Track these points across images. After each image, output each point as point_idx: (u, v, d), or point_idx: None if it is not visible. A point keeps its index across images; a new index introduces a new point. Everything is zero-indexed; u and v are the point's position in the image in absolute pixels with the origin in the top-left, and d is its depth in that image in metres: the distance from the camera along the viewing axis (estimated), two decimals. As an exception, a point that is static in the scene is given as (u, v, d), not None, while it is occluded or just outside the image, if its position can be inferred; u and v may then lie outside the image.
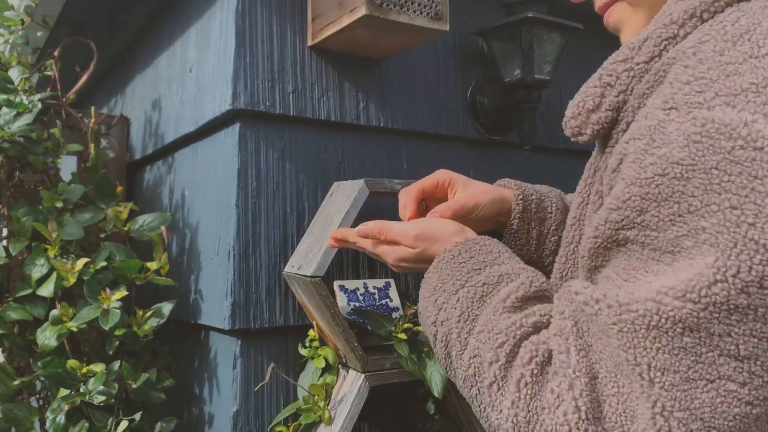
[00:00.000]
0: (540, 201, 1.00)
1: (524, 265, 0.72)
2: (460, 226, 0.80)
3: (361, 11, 1.21)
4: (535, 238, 0.99)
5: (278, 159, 1.34)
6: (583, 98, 0.63)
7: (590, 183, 0.70)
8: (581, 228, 0.71)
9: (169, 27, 1.72)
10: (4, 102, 1.31)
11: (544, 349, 0.59)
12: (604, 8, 0.74)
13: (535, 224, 0.99)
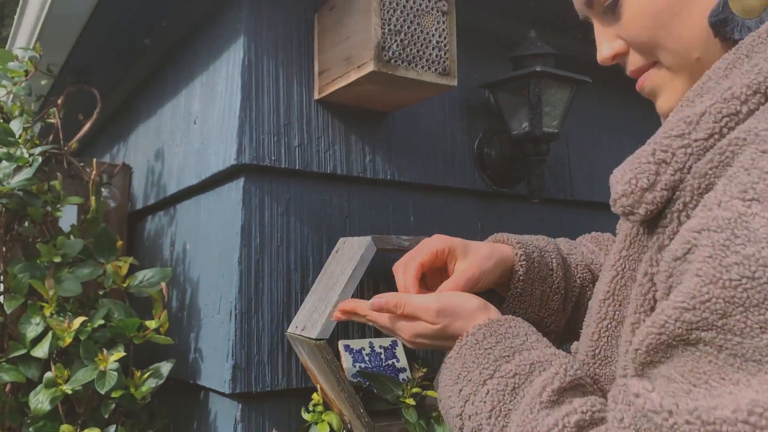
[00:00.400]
0: (541, 258, 0.95)
1: (554, 350, 0.68)
2: (482, 300, 0.75)
3: (369, 67, 1.19)
4: (538, 298, 0.95)
5: (283, 214, 1.31)
6: (636, 175, 0.58)
7: (627, 257, 0.65)
8: (619, 305, 0.66)
9: (173, 77, 1.71)
10: (4, 155, 1.29)
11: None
12: (638, 73, 0.70)
13: (538, 284, 0.94)
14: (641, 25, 0.65)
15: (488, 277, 0.86)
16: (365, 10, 1.21)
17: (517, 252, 0.91)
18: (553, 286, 0.94)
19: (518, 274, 0.90)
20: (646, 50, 0.67)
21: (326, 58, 1.34)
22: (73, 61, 1.97)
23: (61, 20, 1.68)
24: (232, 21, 1.36)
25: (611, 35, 0.69)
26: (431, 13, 1.27)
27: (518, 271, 0.90)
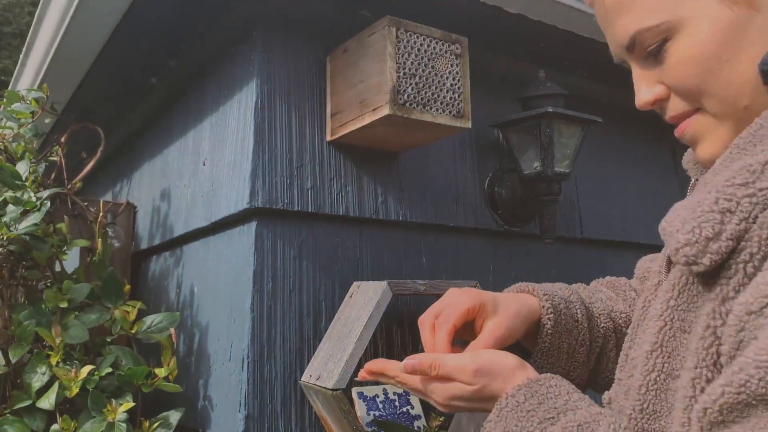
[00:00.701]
0: (567, 309, 0.92)
1: (599, 408, 0.65)
2: (518, 359, 0.73)
3: (384, 111, 1.19)
4: (565, 351, 0.92)
5: (295, 257, 1.29)
6: (699, 224, 0.56)
7: (676, 307, 0.63)
8: (668, 357, 0.63)
9: (180, 117, 1.70)
10: (11, 200, 1.27)
11: None
12: (679, 119, 0.68)
13: (565, 337, 0.91)
14: (688, 71, 0.64)
15: (516, 333, 0.84)
16: (380, 54, 1.21)
17: (543, 304, 0.89)
18: (579, 338, 0.92)
19: (546, 328, 0.87)
20: (690, 96, 0.65)
21: (339, 100, 1.33)
22: (77, 100, 1.96)
23: (69, 60, 1.67)
24: (245, 63, 1.35)
25: (651, 80, 0.68)
26: (445, 56, 1.27)
27: (546, 325, 0.87)
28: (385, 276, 1.39)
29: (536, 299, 0.90)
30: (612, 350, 0.96)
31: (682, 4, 0.63)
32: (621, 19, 0.66)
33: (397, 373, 0.77)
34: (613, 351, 0.96)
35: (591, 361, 0.95)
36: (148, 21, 1.45)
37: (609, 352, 0.96)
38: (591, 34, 1.57)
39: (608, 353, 0.96)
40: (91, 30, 1.50)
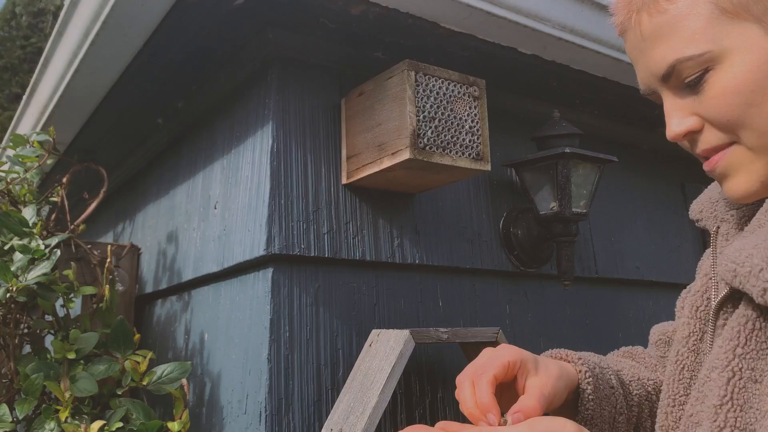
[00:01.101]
0: (602, 375, 0.88)
1: None
2: (577, 425, 0.68)
3: (404, 155, 1.17)
4: (607, 420, 0.87)
5: (311, 304, 1.25)
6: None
7: (744, 355, 0.60)
8: (740, 410, 0.59)
9: (188, 158, 1.67)
10: (19, 248, 1.23)
11: None
12: (712, 152, 0.66)
13: (605, 404, 0.87)
14: (728, 103, 0.62)
15: (559, 398, 0.80)
16: (399, 98, 1.19)
17: (581, 369, 0.85)
18: (617, 406, 0.87)
19: (587, 393, 0.83)
20: (728, 128, 0.64)
21: (355, 143, 1.31)
22: (80, 140, 1.93)
23: (75, 102, 1.65)
24: (258, 105, 1.33)
25: (685, 111, 0.66)
26: (463, 98, 1.25)
27: (586, 390, 0.83)
28: (402, 322, 1.36)
29: (571, 365, 0.87)
30: (647, 419, 0.92)
31: (726, 34, 0.62)
32: (658, 48, 0.64)
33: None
34: (648, 420, 0.91)
35: (630, 430, 0.91)
36: (159, 63, 1.43)
37: (644, 421, 0.92)
38: (603, 74, 1.57)
39: (644, 422, 0.92)
40: (100, 73, 1.48)
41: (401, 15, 1.25)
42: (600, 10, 1.41)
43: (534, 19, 1.32)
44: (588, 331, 1.71)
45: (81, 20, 1.33)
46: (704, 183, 2.18)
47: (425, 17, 1.27)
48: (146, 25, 1.28)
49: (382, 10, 1.22)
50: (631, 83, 1.63)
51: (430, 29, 1.30)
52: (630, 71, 1.55)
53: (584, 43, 1.41)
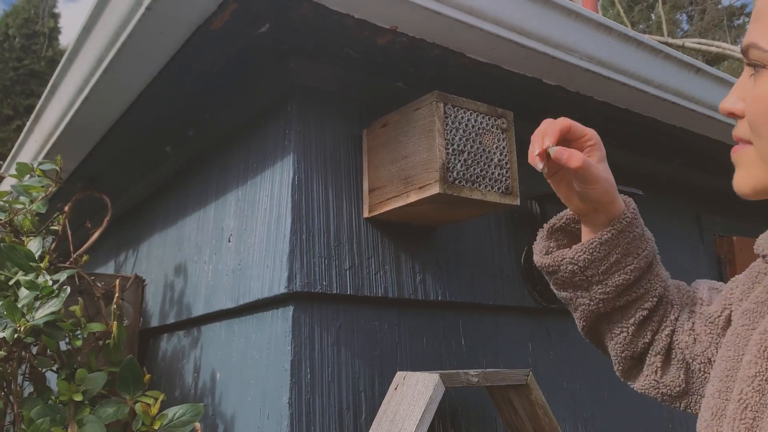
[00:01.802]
0: (641, 236, 0.96)
1: None
2: None
3: (433, 189, 1.12)
4: (612, 262, 0.95)
5: (333, 344, 1.19)
6: None
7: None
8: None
9: (198, 188, 1.62)
10: (26, 284, 1.17)
11: None
12: (738, 140, 0.72)
13: (619, 251, 0.94)
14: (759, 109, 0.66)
15: (596, 191, 0.90)
16: (427, 131, 1.15)
17: (626, 210, 0.93)
18: (629, 266, 0.94)
19: (615, 225, 0.92)
20: (752, 129, 0.68)
21: (378, 176, 1.27)
22: (84, 168, 1.87)
23: (81, 130, 1.59)
24: (278, 136, 1.29)
25: (741, 93, 0.70)
26: (491, 130, 1.22)
27: (615, 224, 0.92)
28: (424, 361, 1.30)
29: (622, 205, 0.94)
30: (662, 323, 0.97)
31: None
32: (755, 24, 0.67)
33: None
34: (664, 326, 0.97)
35: (622, 299, 0.97)
36: (172, 91, 1.38)
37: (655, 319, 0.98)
38: (626, 105, 1.54)
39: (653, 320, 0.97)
40: (111, 102, 1.43)
41: (428, 45, 1.21)
42: (626, 41, 1.38)
43: (562, 50, 1.29)
44: (610, 368, 1.66)
45: (94, 48, 1.29)
46: (719, 214, 2.15)
47: (452, 47, 1.24)
48: (163, 53, 1.23)
49: (408, 41, 1.19)
50: (652, 114, 1.61)
51: (455, 60, 1.27)
52: (653, 103, 1.53)
53: (609, 74, 1.38)
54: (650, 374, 0.97)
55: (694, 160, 1.94)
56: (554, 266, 1.01)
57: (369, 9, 1.09)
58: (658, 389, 0.97)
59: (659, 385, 0.96)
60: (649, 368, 0.97)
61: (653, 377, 0.97)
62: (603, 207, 0.94)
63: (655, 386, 0.97)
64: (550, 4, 1.23)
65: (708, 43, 7.33)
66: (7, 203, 1.38)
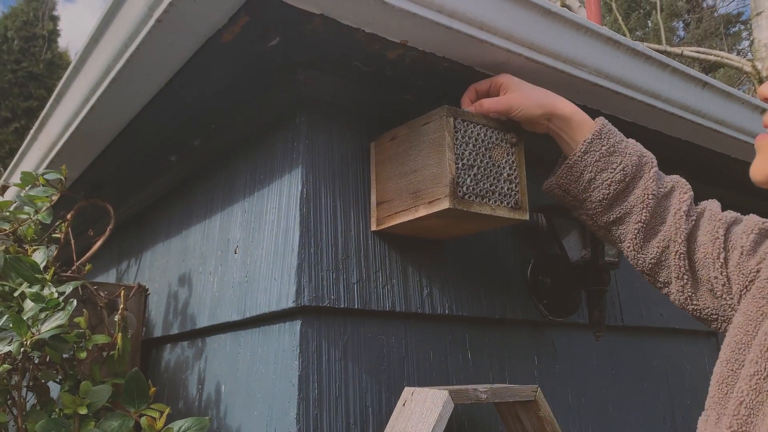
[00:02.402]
0: (611, 153, 1.10)
1: None
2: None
3: (443, 204, 1.12)
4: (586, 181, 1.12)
5: (340, 359, 1.19)
6: None
7: None
8: None
9: (203, 197, 1.62)
10: (31, 296, 1.16)
11: None
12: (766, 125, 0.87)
13: (591, 170, 1.10)
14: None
15: (523, 113, 1.15)
16: (437, 145, 1.15)
17: (594, 127, 1.13)
18: (607, 182, 1.09)
19: (582, 145, 1.10)
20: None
21: (386, 189, 1.26)
22: (87, 176, 1.86)
23: (87, 139, 1.58)
24: (286, 148, 1.28)
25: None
26: (501, 145, 1.21)
27: (581, 144, 1.11)
28: (431, 376, 1.29)
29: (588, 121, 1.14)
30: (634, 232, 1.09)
31: None
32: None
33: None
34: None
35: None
36: (180, 101, 1.38)
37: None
38: (633, 119, 1.54)
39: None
40: (117, 112, 1.42)
41: (438, 59, 1.21)
42: (635, 56, 1.38)
43: (571, 64, 1.28)
44: (614, 381, 1.66)
45: (101, 58, 1.28)
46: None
47: (461, 61, 1.23)
48: (171, 64, 1.23)
49: (419, 54, 1.18)
50: (658, 128, 1.61)
51: (465, 73, 1.27)
52: (660, 116, 1.53)
53: (618, 88, 1.38)
54: (680, 296, 1.05)
55: (699, 172, 1.94)
56: (549, 191, 1.20)
57: (380, 23, 1.09)
58: (689, 309, 1.05)
59: (690, 305, 1.04)
60: (678, 291, 1.05)
61: (683, 298, 1.04)
62: (551, 117, 1.14)
63: (686, 306, 1.05)
64: (561, 20, 1.23)
65: (707, 52, 7.37)
66: (11, 213, 1.37)
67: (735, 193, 2.11)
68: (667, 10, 18.67)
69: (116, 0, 1.15)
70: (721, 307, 1.00)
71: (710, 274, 1.00)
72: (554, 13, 1.22)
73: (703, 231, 1.04)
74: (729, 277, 0.97)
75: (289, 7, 1.01)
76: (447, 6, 1.08)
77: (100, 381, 1.35)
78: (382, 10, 1.04)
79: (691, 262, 1.03)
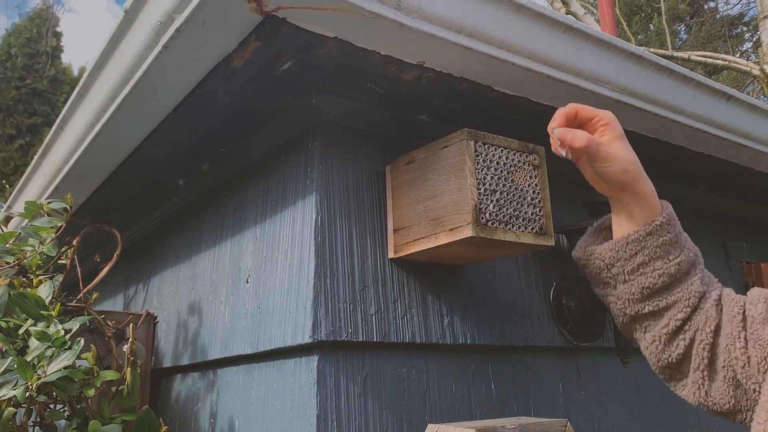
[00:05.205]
0: (673, 243, 1.00)
1: None
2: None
3: (466, 232, 1.06)
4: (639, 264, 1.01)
5: (359, 395, 1.13)
6: None
7: None
8: None
9: (212, 223, 1.57)
10: (37, 335, 1.11)
11: None
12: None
13: (647, 253, 0.99)
14: None
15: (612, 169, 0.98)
16: (458, 169, 1.10)
17: (662, 212, 1.01)
18: (657, 271, 0.99)
19: (649, 227, 0.99)
20: None
21: (404, 215, 1.21)
22: (93, 202, 1.82)
23: (92, 165, 1.54)
24: (298, 174, 1.23)
25: None
26: (523, 168, 1.16)
27: (653, 224, 0.99)
28: (454, 409, 1.24)
29: (660, 206, 1.03)
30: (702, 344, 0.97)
31: None
32: None
33: None
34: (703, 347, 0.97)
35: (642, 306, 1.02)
36: (187, 127, 1.33)
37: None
38: (655, 135, 1.49)
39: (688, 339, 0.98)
40: (123, 138, 1.38)
41: (455, 79, 1.16)
42: (657, 71, 1.33)
43: (593, 81, 1.24)
44: (641, 406, 1.59)
45: (107, 84, 1.24)
46: (746, 240, 2.09)
47: (479, 81, 1.19)
48: (179, 90, 1.18)
49: (435, 75, 1.14)
50: (681, 143, 1.56)
51: (483, 93, 1.22)
52: (683, 132, 1.47)
53: (641, 105, 1.33)
54: (696, 390, 0.97)
55: (721, 186, 1.89)
56: (584, 260, 1.08)
57: (396, 45, 1.04)
58: (707, 405, 0.97)
59: (707, 401, 0.96)
60: (695, 385, 0.97)
61: (699, 393, 0.97)
62: (628, 188, 1.00)
63: (703, 402, 0.97)
64: (583, 36, 1.18)
65: (714, 56, 7.32)
66: (16, 246, 1.33)
67: (759, 206, 2.06)
68: (669, 13, 18.64)
69: (121, 25, 1.11)
70: (742, 395, 0.92)
71: (730, 357, 0.93)
72: (576, 29, 1.17)
73: (724, 317, 0.97)
74: (749, 355, 0.91)
75: (302, 31, 0.97)
76: (466, 26, 1.03)
77: (109, 417, 1.30)
78: (399, 32, 1.00)
79: (713, 352, 0.96)
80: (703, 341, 0.96)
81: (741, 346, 0.92)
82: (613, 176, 0.98)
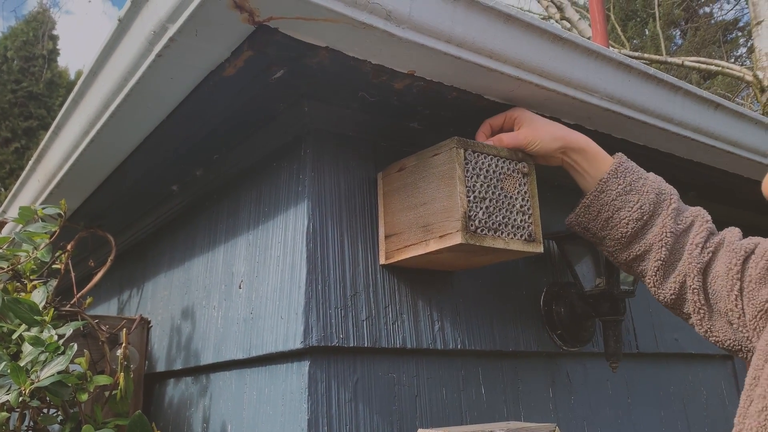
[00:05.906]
0: (628, 191, 1.09)
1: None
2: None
3: (455, 239, 1.08)
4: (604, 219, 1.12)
5: (350, 401, 1.14)
6: None
7: None
8: None
9: (206, 228, 1.58)
10: (30, 340, 1.12)
11: None
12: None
13: (608, 208, 1.11)
14: None
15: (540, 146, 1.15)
16: (447, 177, 1.11)
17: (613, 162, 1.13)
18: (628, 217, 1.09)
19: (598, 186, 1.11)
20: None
21: (395, 222, 1.22)
22: (87, 207, 1.83)
23: (86, 172, 1.55)
24: (291, 180, 1.25)
25: None
26: (512, 175, 1.18)
27: (599, 185, 1.11)
28: (444, 413, 1.25)
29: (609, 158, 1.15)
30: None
31: None
32: None
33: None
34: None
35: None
36: (181, 134, 1.34)
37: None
38: (644, 142, 1.51)
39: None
40: (117, 144, 1.39)
41: (445, 88, 1.18)
42: (646, 80, 1.35)
43: (582, 90, 1.25)
44: (631, 411, 1.61)
45: (101, 91, 1.25)
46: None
47: (470, 90, 1.20)
48: (172, 98, 1.20)
49: (426, 84, 1.15)
50: (670, 150, 1.57)
51: (473, 101, 1.23)
52: (672, 139, 1.49)
53: (630, 113, 1.35)
54: (699, 328, 1.04)
55: (710, 192, 1.91)
56: (570, 228, 1.20)
57: (387, 54, 1.05)
58: (711, 340, 1.03)
59: (710, 337, 1.03)
60: (698, 323, 1.04)
61: (701, 330, 1.04)
62: (567, 149, 1.15)
63: (708, 337, 1.04)
64: (572, 45, 1.20)
65: (707, 62, 7.37)
66: (10, 251, 1.34)
67: (748, 212, 2.07)
68: (664, 18, 18.72)
69: (115, 34, 1.12)
70: (740, 339, 0.97)
71: (726, 306, 0.98)
72: (565, 39, 1.19)
73: (720, 263, 1.01)
74: (744, 309, 0.95)
75: (294, 41, 0.98)
76: (456, 36, 1.04)
77: (101, 422, 1.31)
78: (390, 42, 1.01)
79: (707, 295, 1.01)
80: (692, 286, 1.03)
81: (735, 297, 0.98)
82: (548, 148, 1.14)
